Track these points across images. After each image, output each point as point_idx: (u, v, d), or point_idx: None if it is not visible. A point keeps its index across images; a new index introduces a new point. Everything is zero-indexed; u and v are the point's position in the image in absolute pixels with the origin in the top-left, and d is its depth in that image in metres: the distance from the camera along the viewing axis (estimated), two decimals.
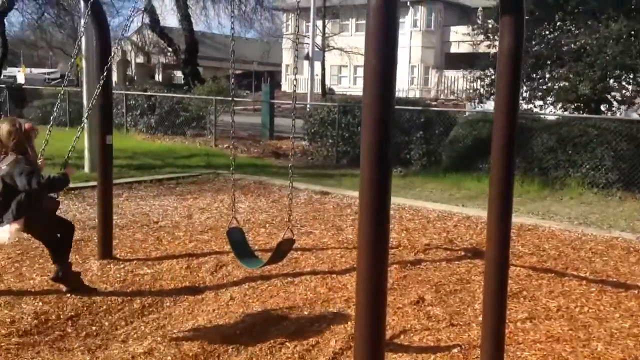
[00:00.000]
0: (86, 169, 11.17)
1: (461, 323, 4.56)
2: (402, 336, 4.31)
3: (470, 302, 4.98)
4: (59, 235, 4.64)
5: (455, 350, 4.08)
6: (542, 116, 12.73)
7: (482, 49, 17.37)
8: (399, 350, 4.07)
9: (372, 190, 2.72)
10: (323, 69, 35.61)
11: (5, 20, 20.24)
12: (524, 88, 14.70)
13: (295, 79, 4.18)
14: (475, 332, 4.28)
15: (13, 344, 3.97)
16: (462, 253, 6.48)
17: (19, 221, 3.98)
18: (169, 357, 3.85)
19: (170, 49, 32.19)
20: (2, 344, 3.94)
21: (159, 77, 48.80)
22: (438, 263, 6.08)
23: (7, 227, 3.97)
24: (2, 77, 23.70)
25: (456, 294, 5.20)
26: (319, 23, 32.79)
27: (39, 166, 4.22)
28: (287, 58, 45.73)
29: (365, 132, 2.71)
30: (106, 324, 4.44)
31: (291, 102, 4.47)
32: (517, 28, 3.36)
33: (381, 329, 2.88)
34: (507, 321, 3.88)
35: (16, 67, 48.65)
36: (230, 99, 5.18)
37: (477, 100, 15.97)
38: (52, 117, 4.66)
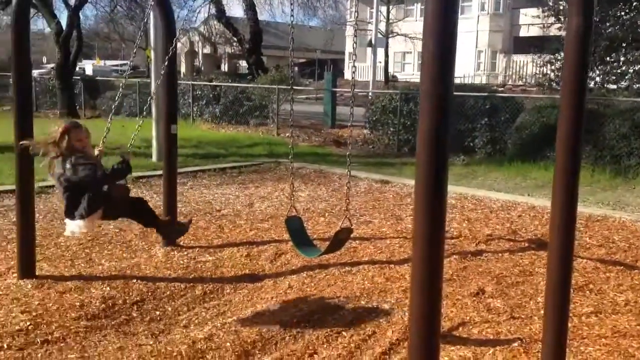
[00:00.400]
0: (154, 158, 11.47)
1: (522, 316, 4.44)
2: (460, 328, 4.24)
3: (532, 295, 4.84)
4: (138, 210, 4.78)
5: (515, 344, 3.98)
6: (614, 101, 12.16)
7: (553, 31, 16.78)
8: (457, 342, 4.01)
9: (428, 179, 2.66)
10: (386, 55, 35.23)
11: (80, 13, 21.12)
12: (597, 72, 14.10)
13: (355, 66, 4.14)
14: (537, 325, 4.15)
15: (82, 327, 4.16)
16: (526, 244, 6.30)
17: (92, 216, 4.14)
18: (228, 343, 3.94)
19: (235, 39, 32.61)
20: (72, 327, 4.14)
21: (224, 67, 49.64)
22: (500, 254, 5.94)
23: (79, 222, 4.13)
24: (76, 69, 24.79)
25: (518, 286, 5.07)
26: (383, 9, 32.38)
27: (98, 157, 4.31)
28: (351, 46, 45.42)
29: (422, 119, 2.65)
30: (169, 309, 4.59)
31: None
32: (587, 7, 3.20)
33: (436, 320, 2.83)
34: (571, 315, 3.75)
35: (91, 59, 50.65)
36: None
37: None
38: (113, 106, 4.84)
